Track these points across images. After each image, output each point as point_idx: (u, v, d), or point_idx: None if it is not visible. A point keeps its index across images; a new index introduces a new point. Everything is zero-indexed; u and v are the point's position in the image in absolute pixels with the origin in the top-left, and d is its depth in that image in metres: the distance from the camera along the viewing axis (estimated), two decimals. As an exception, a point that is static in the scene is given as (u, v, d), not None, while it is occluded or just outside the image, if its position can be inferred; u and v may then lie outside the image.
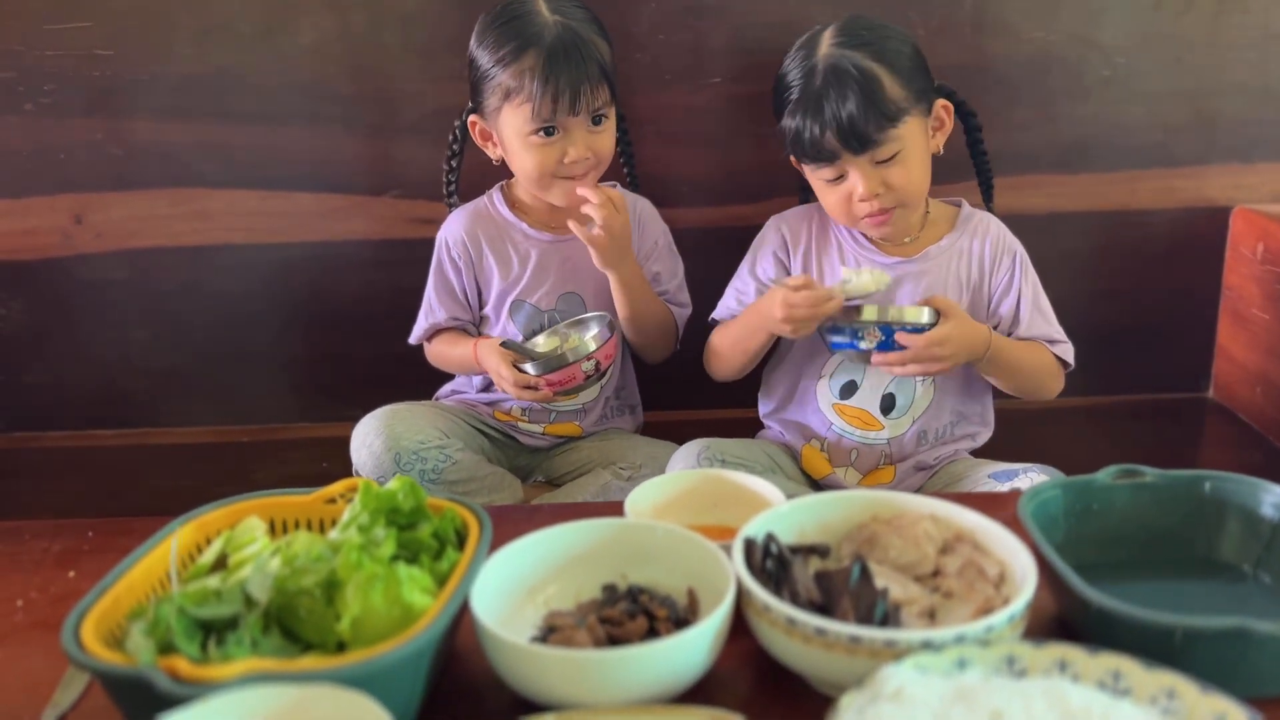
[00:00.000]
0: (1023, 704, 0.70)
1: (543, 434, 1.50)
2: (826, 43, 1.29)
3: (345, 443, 1.40)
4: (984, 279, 1.38)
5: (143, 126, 1.60)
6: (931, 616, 0.84)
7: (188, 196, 1.64)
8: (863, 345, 1.28)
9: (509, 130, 1.35)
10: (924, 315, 1.27)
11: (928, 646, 0.74)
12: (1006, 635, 0.77)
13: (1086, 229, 1.67)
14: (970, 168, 1.49)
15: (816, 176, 1.34)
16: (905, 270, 1.37)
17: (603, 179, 1.43)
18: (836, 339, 1.31)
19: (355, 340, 1.69)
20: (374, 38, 1.57)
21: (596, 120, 1.35)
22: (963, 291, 1.37)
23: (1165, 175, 1.66)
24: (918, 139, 1.30)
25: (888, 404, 1.38)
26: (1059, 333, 1.38)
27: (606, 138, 1.37)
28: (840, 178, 1.31)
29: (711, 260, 1.48)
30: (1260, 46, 1.62)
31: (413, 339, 1.52)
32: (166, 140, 1.61)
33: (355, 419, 1.42)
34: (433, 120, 1.58)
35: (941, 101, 1.36)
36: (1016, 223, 1.44)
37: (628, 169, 1.56)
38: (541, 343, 1.42)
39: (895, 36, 1.30)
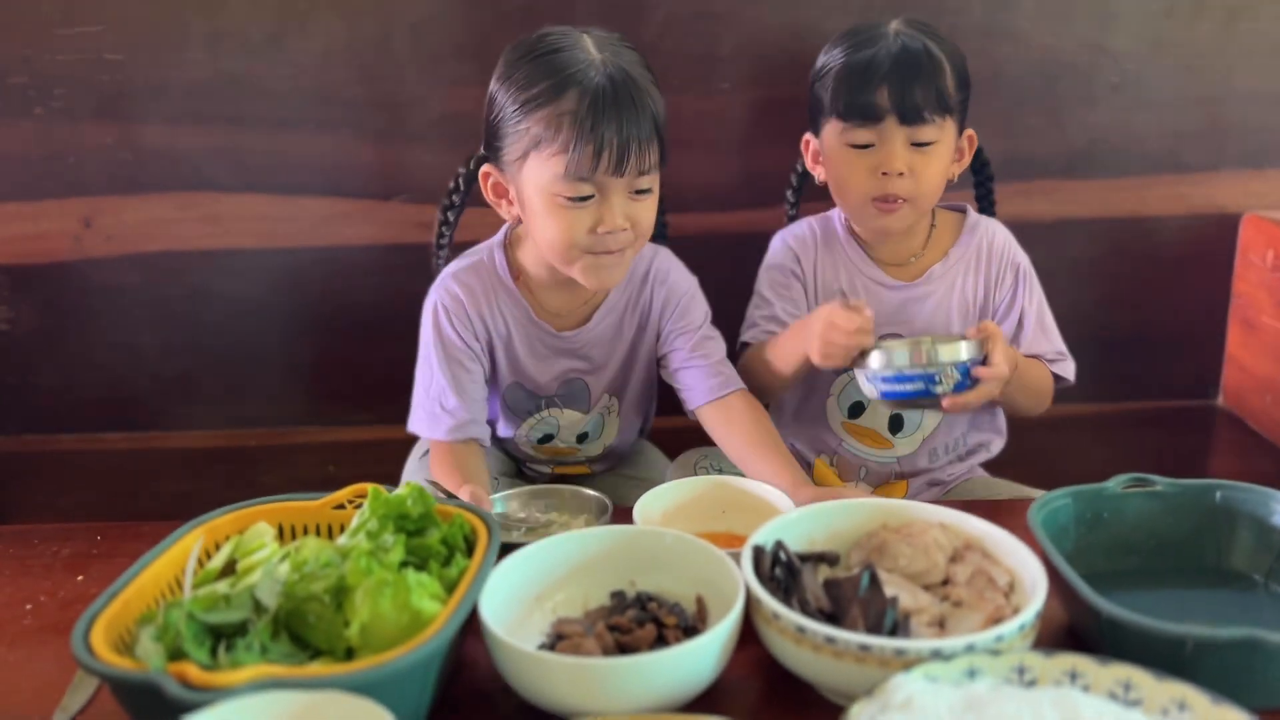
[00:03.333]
0: (1033, 714, 0.70)
1: (551, 473, 1.42)
2: (896, 24, 1.27)
3: (354, 447, 1.40)
4: (987, 296, 1.35)
5: (153, 131, 1.60)
6: (941, 625, 0.84)
7: (197, 201, 1.64)
8: (939, 389, 1.12)
9: (533, 187, 1.11)
10: (972, 346, 1.14)
11: (937, 655, 0.74)
12: (1017, 644, 0.77)
13: (1096, 235, 1.66)
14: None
15: (844, 140, 1.26)
16: (908, 295, 1.33)
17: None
18: (900, 388, 1.13)
19: (364, 345, 1.69)
20: (384, 44, 1.57)
21: (641, 188, 1.12)
22: (967, 313, 1.34)
23: (1175, 182, 1.66)
24: (949, 145, 1.28)
25: (895, 424, 1.36)
26: (1061, 349, 1.34)
27: (648, 209, 1.14)
28: (868, 147, 1.25)
29: (722, 266, 1.48)
30: (1271, 54, 1.61)
31: (420, 433, 1.27)
32: (176, 145, 1.61)
33: (362, 424, 1.42)
34: (442, 126, 1.58)
35: (970, 132, 1.33)
36: (1025, 229, 1.43)
37: (657, 226, 1.28)
38: None
39: (957, 47, 1.29)
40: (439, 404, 1.23)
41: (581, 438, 1.36)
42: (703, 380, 1.25)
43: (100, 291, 1.67)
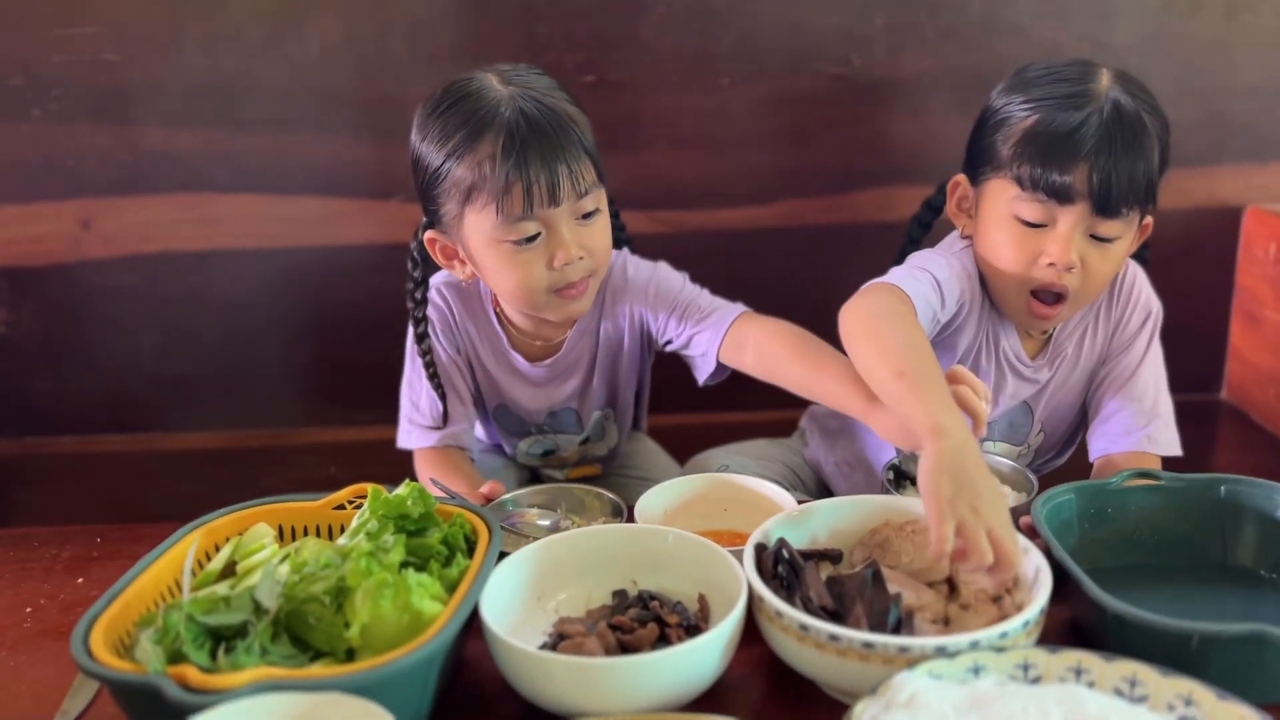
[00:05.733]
0: (1038, 711, 0.69)
1: (565, 476, 1.39)
2: (1107, 78, 1.07)
3: (354, 448, 1.40)
4: (1112, 339, 1.19)
5: (151, 132, 1.60)
6: (945, 622, 0.84)
7: (196, 202, 1.64)
8: None
9: (478, 240, 1.07)
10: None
11: (942, 653, 0.74)
12: (1021, 641, 0.77)
13: (1097, 230, 1.66)
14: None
15: (1013, 211, 1.07)
16: (1044, 376, 1.19)
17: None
18: None
19: (364, 345, 1.69)
20: (381, 44, 1.57)
21: (586, 212, 1.07)
22: (1087, 375, 1.20)
23: (1177, 176, 1.64)
24: (1131, 236, 1.10)
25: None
26: (1165, 423, 1.16)
27: (600, 232, 1.09)
28: (1041, 227, 1.07)
29: (720, 263, 1.48)
30: (1272, 47, 1.61)
31: (409, 446, 1.25)
32: (175, 146, 1.61)
33: (363, 424, 1.42)
34: (440, 125, 1.58)
35: (1149, 220, 1.13)
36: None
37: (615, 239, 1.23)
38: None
39: (1164, 115, 1.08)
40: (427, 414, 1.21)
41: (584, 441, 1.33)
42: (707, 339, 1.15)
43: (99, 293, 1.67)
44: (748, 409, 1.51)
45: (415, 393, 1.23)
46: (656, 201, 1.64)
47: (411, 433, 1.23)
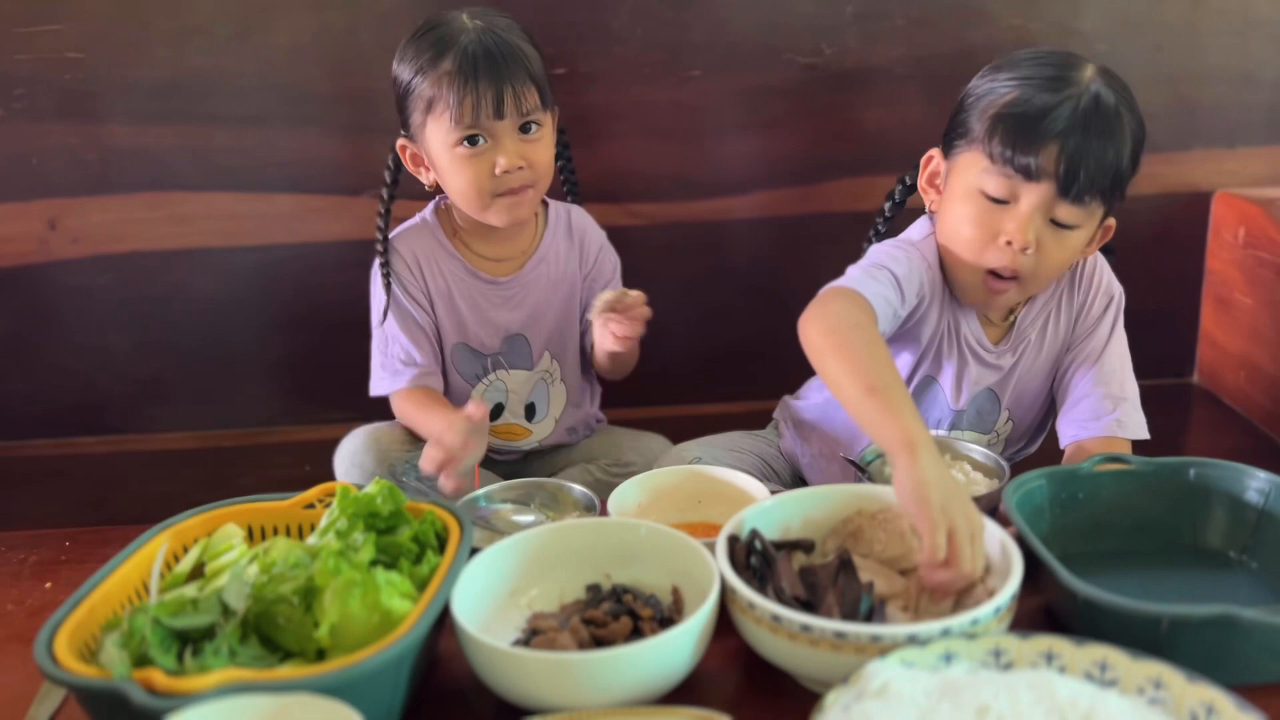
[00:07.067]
0: (1010, 698, 0.70)
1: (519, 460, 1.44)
2: (1092, 70, 1.08)
3: (330, 446, 1.39)
4: (1076, 326, 1.21)
5: (118, 130, 1.58)
6: (917, 610, 0.84)
7: (165, 200, 1.62)
8: None
9: (435, 146, 1.24)
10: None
11: (913, 641, 0.74)
12: (993, 628, 0.77)
13: (1069, 217, 1.67)
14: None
15: (980, 185, 1.09)
16: (1007, 360, 1.20)
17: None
18: None
19: (338, 341, 1.67)
20: (351, 37, 1.56)
21: (527, 127, 1.24)
22: (1052, 360, 1.21)
23: (1147, 161, 1.60)
24: (1090, 231, 1.11)
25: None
26: (1132, 405, 1.17)
27: (542, 148, 1.26)
28: (1005, 204, 1.08)
29: (694, 255, 1.48)
30: (1240, 32, 1.61)
31: (383, 391, 1.32)
32: (142, 143, 1.59)
33: (339, 421, 1.41)
34: (411, 119, 1.56)
35: (1111, 221, 1.15)
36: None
37: (568, 186, 1.45)
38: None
39: (1142, 118, 1.10)
40: (398, 360, 1.31)
41: (530, 412, 1.39)
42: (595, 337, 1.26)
43: (68, 294, 1.65)
44: (722, 401, 1.51)
45: (384, 338, 1.33)
46: (630, 194, 1.63)
47: (383, 378, 1.32)
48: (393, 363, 1.31)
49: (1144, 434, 1.17)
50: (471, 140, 1.22)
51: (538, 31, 1.38)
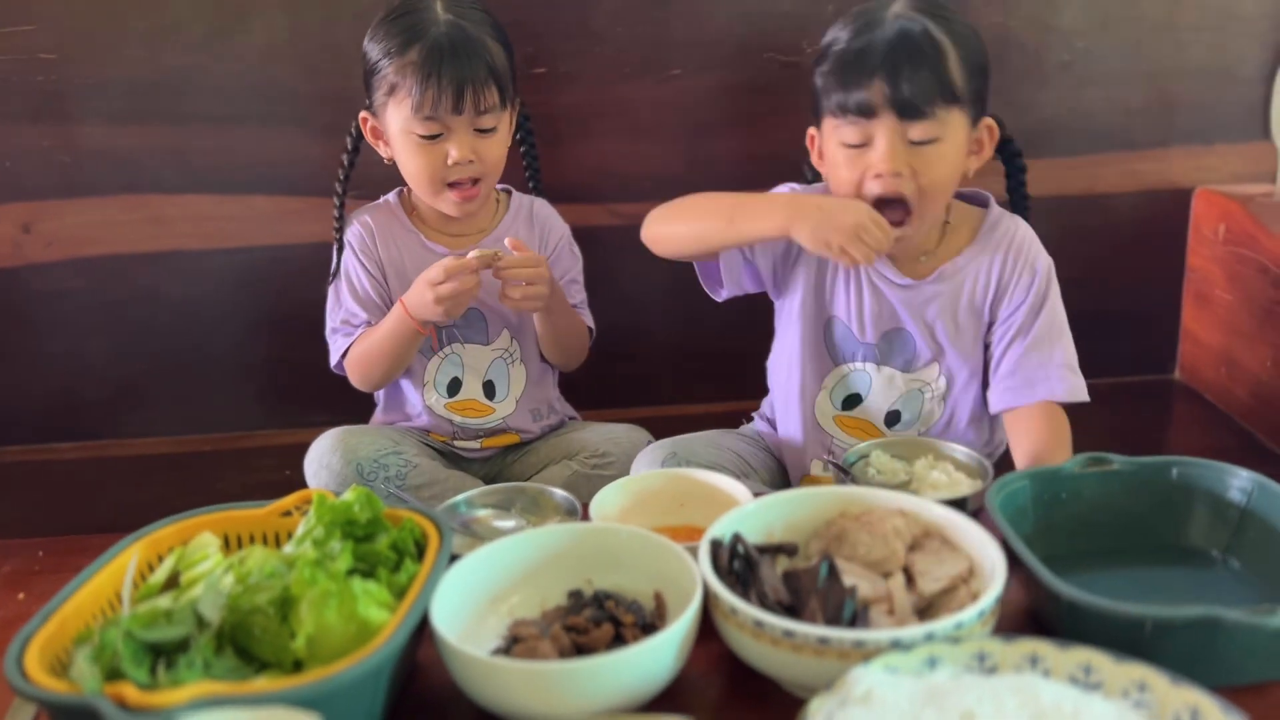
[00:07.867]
0: (994, 703, 0.69)
1: (480, 448, 1.46)
2: (898, 5, 1.16)
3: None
4: (998, 298, 1.24)
5: (92, 132, 1.56)
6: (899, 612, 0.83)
7: (141, 203, 1.60)
8: None
9: (394, 128, 1.31)
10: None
11: (897, 645, 0.73)
12: (977, 631, 0.76)
13: (1049, 214, 1.65)
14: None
15: (838, 138, 1.17)
16: (919, 295, 1.25)
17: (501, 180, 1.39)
18: None
19: (317, 344, 1.65)
20: (328, 36, 1.54)
21: (483, 126, 1.30)
22: (976, 315, 1.25)
23: (1127, 159, 1.66)
24: (959, 140, 1.17)
25: (893, 418, 1.29)
26: (1067, 364, 1.22)
27: (494, 144, 1.32)
28: (863, 146, 1.16)
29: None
30: (1219, 29, 1.62)
31: (337, 353, 1.41)
32: (117, 145, 1.57)
33: (319, 425, 1.40)
34: (389, 119, 1.55)
35: (989, 121, 1.22)
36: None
37: (530, 175, 1.51)
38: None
39: (969, 27, 1.18)
40: (349, 323, 1.39)
41: (490, 391, 1.42)
42: None
43: (42, 298, 1.63)
44: (702, 401, 1.50)
45: (336, 312, 1.41)
46: (612, 194, 1.62)
47: (338, 345, 1.40)
48: (345, 327, 1.39)
49: (1083, 396, 1.20)
50: (428, 129, 1.28)
51: (517, 30, 1.37)
